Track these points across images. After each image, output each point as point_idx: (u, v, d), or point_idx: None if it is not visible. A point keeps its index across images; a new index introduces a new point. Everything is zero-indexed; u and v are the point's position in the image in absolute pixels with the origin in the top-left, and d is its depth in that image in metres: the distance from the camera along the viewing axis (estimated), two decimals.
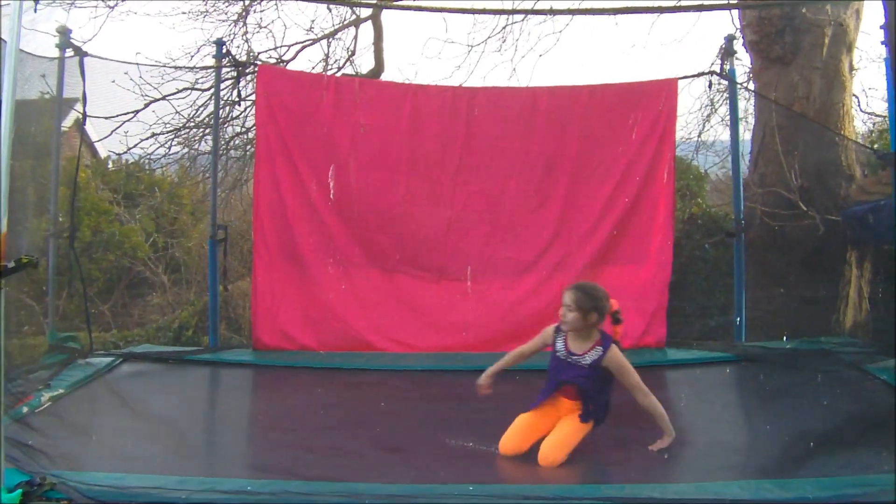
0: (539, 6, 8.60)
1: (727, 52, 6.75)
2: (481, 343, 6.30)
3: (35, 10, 3.63)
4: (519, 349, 4.32)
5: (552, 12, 7.39)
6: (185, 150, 8.96)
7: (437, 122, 6.70)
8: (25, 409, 4.52)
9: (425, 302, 6.60)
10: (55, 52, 6.18)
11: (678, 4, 6.83)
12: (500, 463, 3.97)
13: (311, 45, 8.93)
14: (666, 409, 4.91)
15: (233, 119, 8.45)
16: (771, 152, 7.23)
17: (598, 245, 6.57)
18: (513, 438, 4.07)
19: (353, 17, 8.97)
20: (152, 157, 8.92)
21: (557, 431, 4.02)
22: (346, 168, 6.61)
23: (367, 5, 8.49)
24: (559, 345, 4.12)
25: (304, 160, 6.57)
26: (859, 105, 8.57)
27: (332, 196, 6.59)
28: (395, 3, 8.38)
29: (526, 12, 8.05)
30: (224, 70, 7.24)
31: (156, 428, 4.54)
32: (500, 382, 4.28)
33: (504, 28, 8.91)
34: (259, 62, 8.15)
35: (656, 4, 6.75)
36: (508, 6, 8.83)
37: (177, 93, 7.94)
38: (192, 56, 8.37)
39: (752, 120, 8.00)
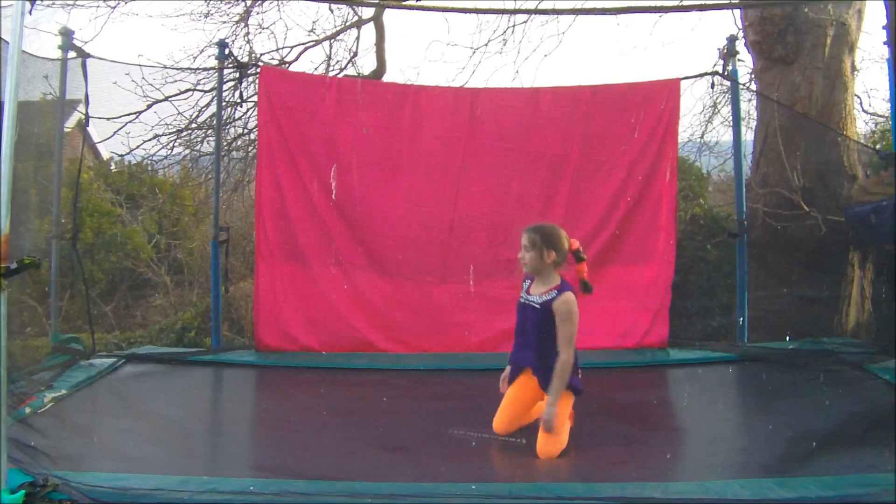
0: (542, 7, 8.61)
1: (729, 53, 6.74)
2: (483, 344, 6.31)
3: (30, 12, 3.62)
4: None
5: (555, 12, 7.40)
6: (188, 151, 8.97)
7: (439, 122, 6.69)
8: (28, 410, 4.53)
9: (427, 303, 6.58)
10: (57, 54, 6.19)
11: (681, 4, 6.83)
12: (502, 461, 3.98)
13: (313, 46, 8.93)
14: (669, 408, 4.93)
15: (235, 120, 8.46)
16: (773, 153, 7.22)
17: (602, 245, 6.54)
18: (503, 415, 4.17)
19: (356, 18, 8.97)
20: (154, 158, 8.92)
21: None
22: (347, 169, 6.60)
23: (370, 4, 8.49)
24: (524, 289, 4.25)
25: (305, 161, 6.57)
26: (861, 105, 8.59)
27: (333, 197, 6.58)
28: (398, 2, 8.37)
29: (530, 12, 8.06)
30: (226, 71, 7.25)
31: (158, 429, 4.54)
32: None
33: (506, 30, 8.92)
34: (261, 63, 8.15)
35: (659, 4, 6.75)
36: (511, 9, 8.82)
37: (179, 94, 7.95)
38: (195, 58, 8.39)
39: (754, 120, 8.01)
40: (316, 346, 6.47)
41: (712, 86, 7.16)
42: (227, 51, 7.15)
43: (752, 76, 7.99)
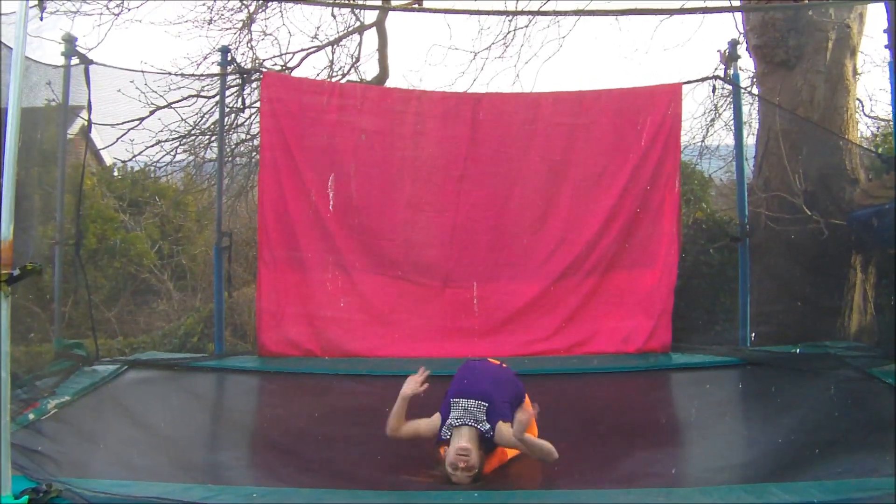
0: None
1: (731, 57, 6.75)
2: (487, 350, 6.29)
3: (41, 19, 3.65)
4: None
5: (557, 13, 7.42)
6: (191, 157, 8.98)
7: (441, 127, 6.71)
8: (32, 416, 4.54)
9: (430, 309, 6.57)
10: (61, 60, 6.21)
11: (683, 6, 6.84)
12: (505, 469, 3.97)
13: (316, 52, 8.95)
14: (671, 412, 4.92)
15: (238, 126, 8.47)
16: (775, 157, 7.21)
17: (604, 250, 6.55)
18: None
19: (358, 23, 8.99)
20: (158, 164, 8.93)
21: None
22: (350, 175, 6.61)
23: (371, 7, 8.50)
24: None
25: (308, 167, 6.58)
26: (863, 109, 8.56)
27: (335, 203, 6.58)
28: (400, 5, 8.37)
29: (533, 13, 8.08)
30: (229, 77, 7.27)
31: (161, 435, 4.54)
32: None
33: (507, 34, 8.93)
34: (264, 69, 8.16)
35: (661, 6, 6.76)
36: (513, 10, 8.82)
37: (182, 100, 7.96)
38: (199, 64, 8.40)
39: (756, 124, 8.00)
40: (318, 352, 6.47)
41: (714, 90, 7.17)
42: (229, 57, 7.17)
43: (754, 80, 7.99)
